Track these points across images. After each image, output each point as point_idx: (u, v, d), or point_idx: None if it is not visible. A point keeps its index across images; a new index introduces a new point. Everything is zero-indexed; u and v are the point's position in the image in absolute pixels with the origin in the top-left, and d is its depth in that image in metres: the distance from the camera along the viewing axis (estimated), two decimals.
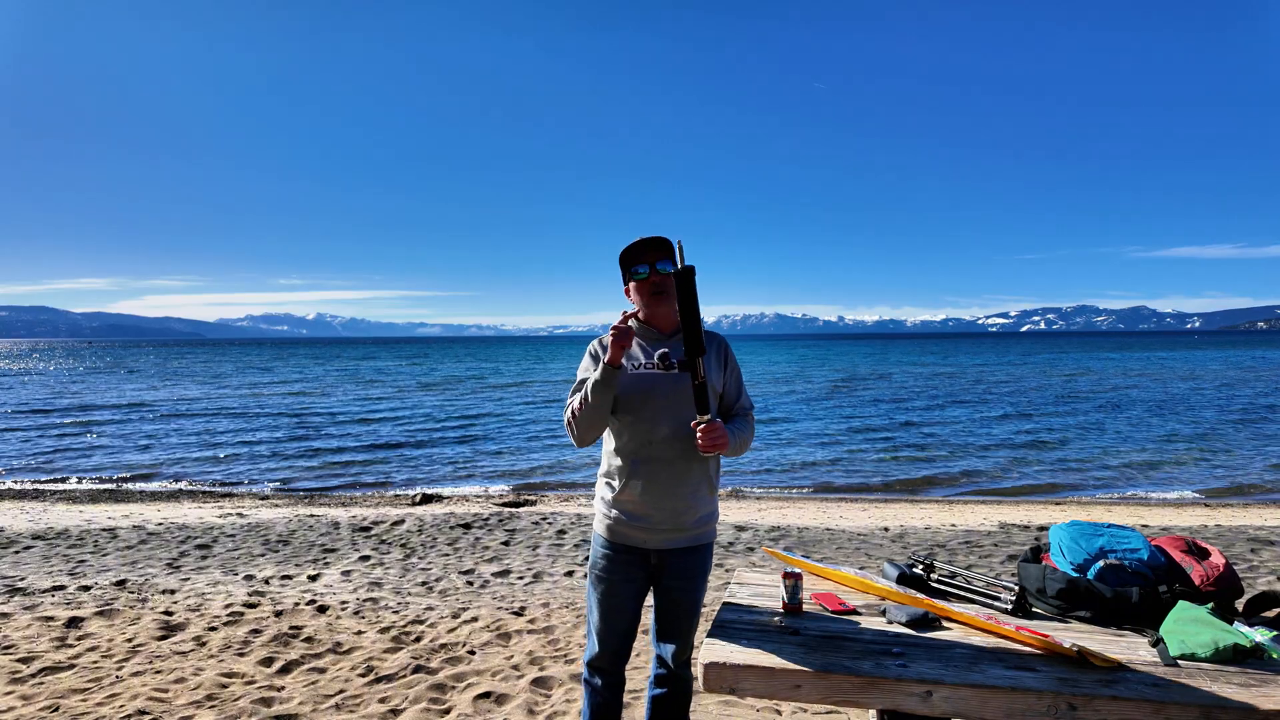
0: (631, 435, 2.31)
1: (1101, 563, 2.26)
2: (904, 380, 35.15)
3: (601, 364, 2.24)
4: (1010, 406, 22.36)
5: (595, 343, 2.44)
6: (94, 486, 11.65)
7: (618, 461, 2.35)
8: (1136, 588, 2.18)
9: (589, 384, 2.25)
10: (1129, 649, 1.98)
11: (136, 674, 3.70)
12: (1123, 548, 2.31)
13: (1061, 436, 16.04)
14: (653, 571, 2.38)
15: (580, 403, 2.27)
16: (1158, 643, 1.99)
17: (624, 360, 2.32)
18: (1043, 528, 7.41)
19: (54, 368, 54.85)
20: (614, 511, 2.34)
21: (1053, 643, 1.94)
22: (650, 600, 2.45)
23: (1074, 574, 2.28)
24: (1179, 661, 1.90)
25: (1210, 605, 2.11)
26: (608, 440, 2.41)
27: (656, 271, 2.32)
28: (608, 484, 2.39)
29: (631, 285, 2.39)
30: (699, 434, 2.19)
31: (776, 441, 15.63)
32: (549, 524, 7.51)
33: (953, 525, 7.70)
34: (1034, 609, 2.29)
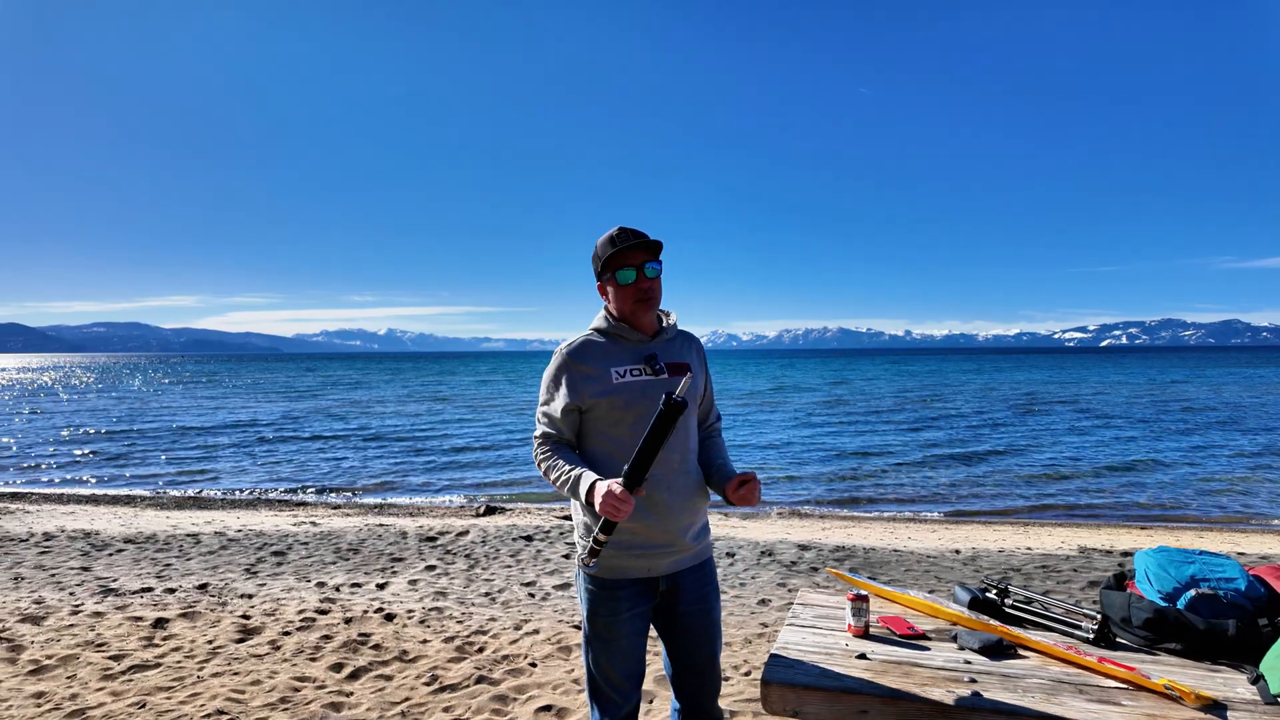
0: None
1: (1193, 592, 2.13)
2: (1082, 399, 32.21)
3: (585, 490, 1.90)
4: (1129, 427, 21.22)
5: (567, 355, 2.07)
6: (179, 494, 12.29)
7: None
8: (1233, 619, 2.04)
9: (567, 482, 1.97)
10: (1225, 685, 1.86)
11: (216, 675, 3.87)
12: (1217, 576, 2.17)
13: (1154, 456, 15.19)
14: (661, 600, 2.12)
15: (553, 480, 2.02)
16: (1258, 679, 1.86)
17: (605, 366, 2.05)
18: (1126, 553, 7.03)
19: (205, 384, 57.76)
20: (614, 546, 2.02)
21: (1139, 676, 1.83)
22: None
23: (1162, 603, 2.15)
24: None
25: None
26: (591, 460, 2.08)
27: (645, 276, 2.05)
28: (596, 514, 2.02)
29: (610, 289, 2.10)
30: (745, 490, 2.01)
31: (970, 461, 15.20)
32: None
33: (1028, 548, 7.37)
34: (1118, 639, 2.17)
